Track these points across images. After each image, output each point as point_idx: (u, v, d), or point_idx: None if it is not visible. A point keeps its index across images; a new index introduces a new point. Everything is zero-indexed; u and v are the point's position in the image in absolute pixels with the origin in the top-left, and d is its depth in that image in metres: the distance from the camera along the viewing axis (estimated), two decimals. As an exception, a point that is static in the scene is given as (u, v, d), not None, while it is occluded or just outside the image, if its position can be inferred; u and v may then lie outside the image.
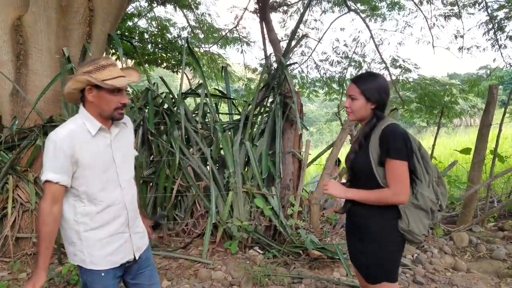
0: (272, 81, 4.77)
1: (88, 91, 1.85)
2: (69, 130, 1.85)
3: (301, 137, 4.72)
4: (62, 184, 1.81)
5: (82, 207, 1.89)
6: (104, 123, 1.92)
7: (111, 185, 1.94)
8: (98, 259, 1.92)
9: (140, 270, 2.13)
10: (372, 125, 2.10)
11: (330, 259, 3.85)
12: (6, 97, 4.14)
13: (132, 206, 2.05)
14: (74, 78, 1.85)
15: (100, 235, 1.92)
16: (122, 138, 2.03)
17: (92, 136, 1.88)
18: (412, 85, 9.81)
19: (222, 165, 4.45)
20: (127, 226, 2.01)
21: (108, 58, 1.93)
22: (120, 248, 1.98)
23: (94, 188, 1.88)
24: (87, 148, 1.85)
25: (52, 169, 1.80)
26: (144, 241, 2.17)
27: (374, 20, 10.45)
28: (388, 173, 2.00)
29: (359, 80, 2.16)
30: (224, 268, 3.69)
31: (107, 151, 1.93)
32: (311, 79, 11.84)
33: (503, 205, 5.61)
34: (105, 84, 1.81)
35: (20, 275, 3.56)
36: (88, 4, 4.22)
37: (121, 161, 1.98)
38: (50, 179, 1.79)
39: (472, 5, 9.39)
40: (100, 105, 1.87)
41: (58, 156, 1.79)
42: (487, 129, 5.11)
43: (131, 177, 2.08)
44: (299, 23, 9.03)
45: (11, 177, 3.90)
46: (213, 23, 10.91)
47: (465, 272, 3.93)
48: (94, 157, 1.87)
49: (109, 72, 1.85)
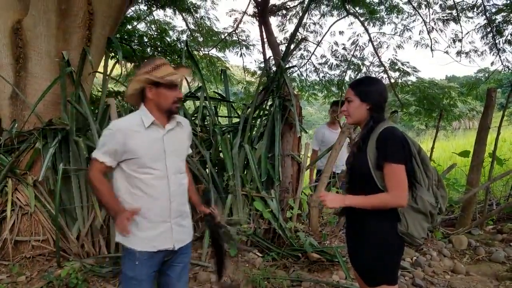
0: (271, 84, 4.79)
1: (148, 90, 2.06)
2: (126, 122, 2.13)
3: (300, 140, 4.74)
4: (107, 164, 2.05)
5: (132, 191, 2.07)
6: (158, 118, 2.10)
7: (159, 175, 2.09)
8: (138, 240, 2.08)
9: (174, 262, 2.25)
10: (369, 127, 2.11)
11: (329, 262, 3.86)
12: (6, 100, 4.14)
13: (177, 198, 2.17)
14: (135, 79, 2.07)
15: (143, 219, 2.07)
16: (176, 134, 2.20)
17: (146, 128, 2.07)
18: (411, 88, 9.82)
19: (221, 168, 4.46)
20: (169, 216, 2.13)
21: (161, 59, 2.16)
22: (159, 235, 2.11)
23: (144, 175, 2.06)
24: (139, 137, 2.05)
25: (102, 150, 2.06)
26: (188, 235, 2.29)
27: (373, 24, 10.45)
28: (386, 177, 2.01)
29: (355, 84, 2.24)
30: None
31: (159, 144, 2.10)
32: (310, 82, 11.85)
33: (502, 208, 5.62)
34: (164, 80, 2.01)
35: (19, 278, 3.55)
36: (87, 7, 4.23)
37: (171, 155, 2.13)
38: (97, 158, 2.06)
39: (470, 9, 9.42)
40: (159, 101, 2.07)
41: (110, 141, 2.04)
42: (485, 132, 5.12)
43: (179, 171, 2.21)
44: (298, 27, 9.04)
45: (10, 180, 3.89)
46: (212, 27, 10.92)
47: (464, 275, 3.93)
48: (145, 146, 2.05)
49: (165, 70, 2.05)
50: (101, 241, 3.94)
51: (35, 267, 3.78)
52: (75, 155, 3.94)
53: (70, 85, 4.19)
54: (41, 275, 3.60)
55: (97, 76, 5.15)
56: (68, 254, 3.88)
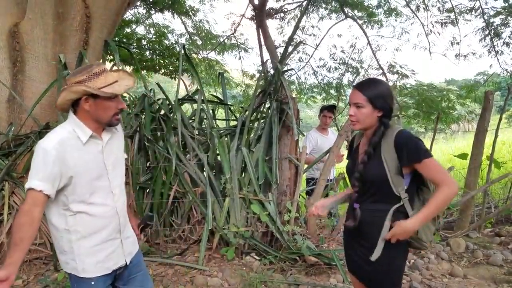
0: (268, 87, 4.79)
1: (84, 101, 1.81)
2: (60, 138, 1.79)
3: (297, 143, 4.73)
4: (46, 193, 1.74)
5: (72, 216, 1.85)
6: (95, 130, 1.89)
7: (103, 191, 1.92)
8: (90, 266, 1.90)
9: (131, 275, 2.12)
10: (381, 133, 2.02)
11: (327, 265, 3.84)
12: (3, 104, 4.14)
13: (123, 211, 2.04)
14: (69, 89, 1.79)
15: (91, 242, 1.89)
16: (113, 143, 2.01)
17: (83, 144, 1.84)
18: (409, 91, 9.85)
19: (218, 171, 4.45)
20: (119, 232, 2.00)
21: (100, 64, 1.88)
22: (112, 254, 1.97)
23: (86, 195, 1.85)
24: (78, 155, 1.82)
25: (38, 177, 1.74)
26: (135, 245, 2.16)
27: (371, 27, 10.51)
28: (430, 173, 1.94)
29: (364, 86, 2.05)
30: (220, 275, 3.68)
31: (99, 158, 1.90)
32: (308, 85, 11.88)
33: (500, 211, 5.61)
34: (104, 92, 1.77)
35: (16, 282, 3.53)
36: (85, 11, 4.24)
37: (112, 167, 1.96)
38: (34, 187, 1.73)
39: (468, 12, 9.45)
40: (97, 113, 1.84)
41: (47, 164, 1.74)
42: (483, 135, 5.11)
43: (122, 182, 2.06)
44: (295, 30, 9.08)
45: (7, 183, 3.89)
46: (210, 30, 10.96)
47: (462, 278, 3.92)
48: (85, 165, 1.84)
49: (104, 79, 1.81)
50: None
51: (32, 271, 3.77)
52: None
53: (67, 88, 4.18)
54: (37, 279, 3.59)
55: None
56: (64, 258, 3.86)
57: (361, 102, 2.02)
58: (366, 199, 2.10)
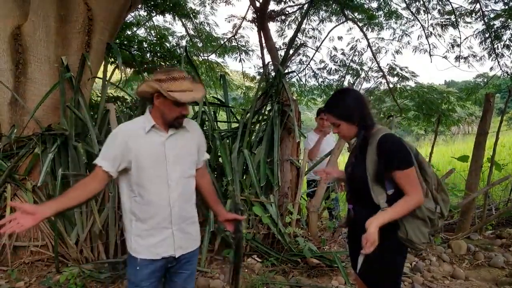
0: (270, 89, 4.80)
1: (156, 97, 2.02)
2: (129, 126, 2.09)
3: (299, 145, 4.74)
4: (104, 169, 1.99)
5: (133, 198, 2.06)
6: (162, 125, 2.08)
7: (160, 181, 2.05)
8: (140, 248, 2.07)
9: (179, 270, 2.22)
10: (362, 137, 2.10)
11: (329, 267, 3.85)
12: (5, 106, 4.14)
13: (179, 204, 2.12)
14: (147, 83, 2.03)
15: (145, 226, 2.06)
16: (179, 139, 2.14)
17: (146, 133, 2.04)
18: (409, 93, 9.86)
19: (220, 173, 4.45)
20: (170, 223, 2.10)
21: (181, 71, 2.07)
22: (161, 242, 2.09)
23: (143, 180, 2.03)
24: (139, 143, 2.02)
25: (101, 155, 2.04)
26: (191, 243, 2.24)
27: (372, 29, 10.51)
28: (403, 182, 1.99)
29: (332, 107, 2.16)
30: (222, 277, 3.69)
31: (159, 149, 2.06)
32: (309, 87, 11.89)
33: (501, 213, 5.61)
34: (170, 96, 1.95)
35: (18, 283, 3.55)
36: (87, 13, 4.25)
37: (173, 160, 2.08)
38: (96, 163, 2.03)
39: (468, 14, 9.46)
40: (164, 111, 2.03)
41: (111, 146, 2.03)
42: (483, 137, 5.12)
43: (182, 177, 2.14)
44: (296, 32, 9.11)
45: (9, 185, 3.89)
46: (211, 32, 10.97)
47: (463, 280, 3.92)
48: (144, 152, 2.02)
49: (179, 85, 1.98)
50: (100, 246, 3.93)
51: (34, 273, 3.78)
52: (74, 160, 3.93)
53: (70, 90, 4.19)
54: (39, 281, 3.59)
55: (96, 82, 5.16)
56: (66, 260, 3.87)
57: (335, 122, 2.14)
58: (356, 202, 2.17)
